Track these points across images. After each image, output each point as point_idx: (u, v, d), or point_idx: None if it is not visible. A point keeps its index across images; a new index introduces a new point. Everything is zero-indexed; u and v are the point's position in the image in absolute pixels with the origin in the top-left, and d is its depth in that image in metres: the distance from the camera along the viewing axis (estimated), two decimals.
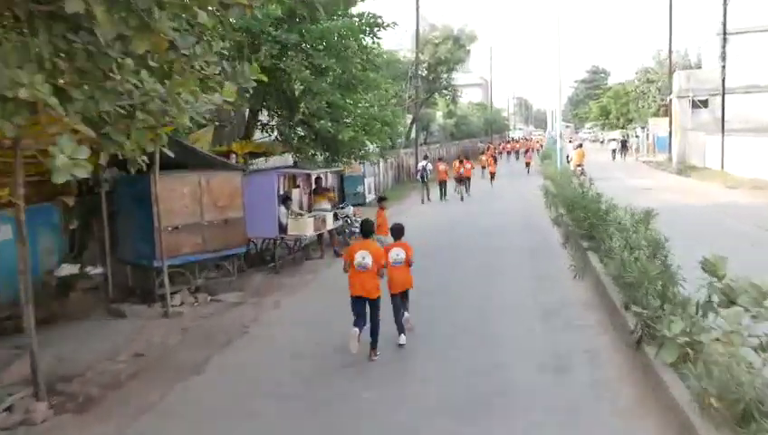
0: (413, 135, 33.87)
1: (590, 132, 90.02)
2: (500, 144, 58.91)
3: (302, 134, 12.07)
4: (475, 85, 74.03)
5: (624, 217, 9.38)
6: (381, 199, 12.36)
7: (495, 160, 32.87)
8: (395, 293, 7.25)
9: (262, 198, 11.58)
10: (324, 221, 12.47)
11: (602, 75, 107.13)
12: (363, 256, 6.85)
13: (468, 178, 25.57)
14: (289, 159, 14.61)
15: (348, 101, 13.37)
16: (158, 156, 8.80)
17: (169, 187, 9.42)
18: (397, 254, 7.34)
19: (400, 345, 7.23)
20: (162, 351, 7.66)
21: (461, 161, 25.90)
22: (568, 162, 34.04)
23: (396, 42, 35.57)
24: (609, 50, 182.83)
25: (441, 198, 24.33)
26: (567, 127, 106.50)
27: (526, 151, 41.93)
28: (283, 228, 11.86)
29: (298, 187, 12.88)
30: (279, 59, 11.23)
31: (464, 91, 54.67)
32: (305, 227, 11.67)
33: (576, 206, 13.27)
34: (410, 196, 26.97)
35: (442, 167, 25.20)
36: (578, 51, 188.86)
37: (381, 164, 28.90)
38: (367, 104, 14.29)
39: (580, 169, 26.03)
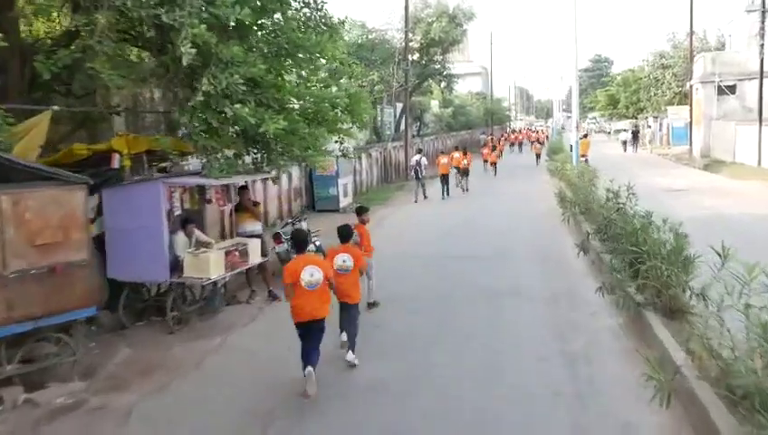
0: (403, 126, 29.76)
1: (592, 122, 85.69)
2: (501, 135, 54.97)
3: (215, 124, 8.01)
4: (474, 74, 70.74)
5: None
6: (361, 211, 8.76)
7: (495, 150, 31.55)
8: (343, 302, 6.67)
9: (141, 220, 7.61)
10: (246, 254, 8.45)
11: (605, 64, 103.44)
12: (312, 273, 5.89)
13: (467, 171, 23.67)
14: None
15: (287, 78, 9.40)
16: None
17: None
18: (343, 260, 6.70)
19: (350, 365, 6.42)
20: None
21: (464, 153, 23.89)
22: (571, 151, 32.84)
23: (384, 20, 31.52)
24: (612, 38, 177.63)
25: (443, 196, 21.58)
26: (569, 118, 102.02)
27: (535, 142, 39.32)
28: (178, 266, 7.88)
29: (209, 202, 8.90)
30: (162, 7, 7.21)
31: (464, 79, 50.78)
32: (209, 268, 7.66)
33: (614, 228, 9.32)
34: (397, 197, 23.00)
35: (443, 160, 22.20)
36: (579, 39, 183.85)
37: (364, 160, 24.89)
38: (321, 84, 10.28)
39: (584, 159, 24.41)
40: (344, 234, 6.91)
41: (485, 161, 30.51)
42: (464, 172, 23.46)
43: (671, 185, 22.05)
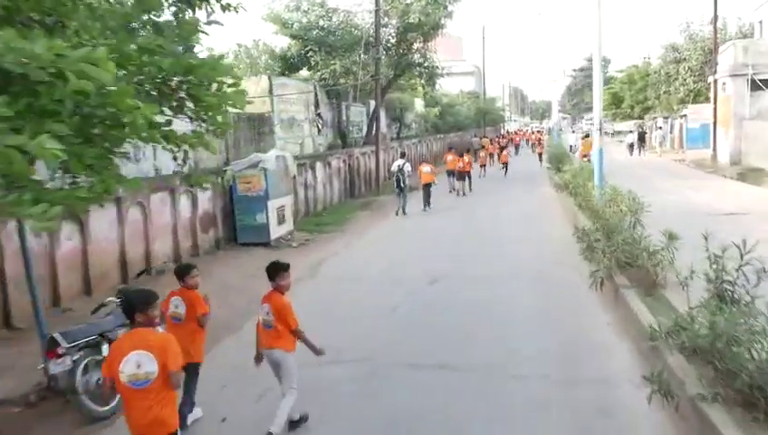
0: (378, 128, 24.43)
1: (590, 123, 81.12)
2: (496, 137, 50.21)
3: None
4: (467, 74, 67.32)
5: None
6: (275, 272, 4.47)
7: (503, 149, 32.46)
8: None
9: None
10: None
11: (602, 63, 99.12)
12: (139, 362, 3.62)
13: (468, 173, 22.30)
14: None
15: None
16: None
17: None
18: (176, 305, 4.99)
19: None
20: None
21: (461, 154, 22.32)
22: (572, 152, 31.59)
23: (353, 0, 26.24)
24: (609, 37, 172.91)
25: (424, 207, 18.73)
26: (564, 118, 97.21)
27: (538, 143, 39.81)
28: None
29: None
30: None
31: (451, 77, 45.58)
32: None
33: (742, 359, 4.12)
34: (358, 220, 17.81)
35: (426, 169, 19.28)
36: (576, 38, 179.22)
37: (320, 171, 19.61)
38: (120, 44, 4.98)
39: (586, 159, 22.85)
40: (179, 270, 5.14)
41: (483, 166, 28.69)
42: (460, 175, 21.91)
43: (713, 204, 16.84)
